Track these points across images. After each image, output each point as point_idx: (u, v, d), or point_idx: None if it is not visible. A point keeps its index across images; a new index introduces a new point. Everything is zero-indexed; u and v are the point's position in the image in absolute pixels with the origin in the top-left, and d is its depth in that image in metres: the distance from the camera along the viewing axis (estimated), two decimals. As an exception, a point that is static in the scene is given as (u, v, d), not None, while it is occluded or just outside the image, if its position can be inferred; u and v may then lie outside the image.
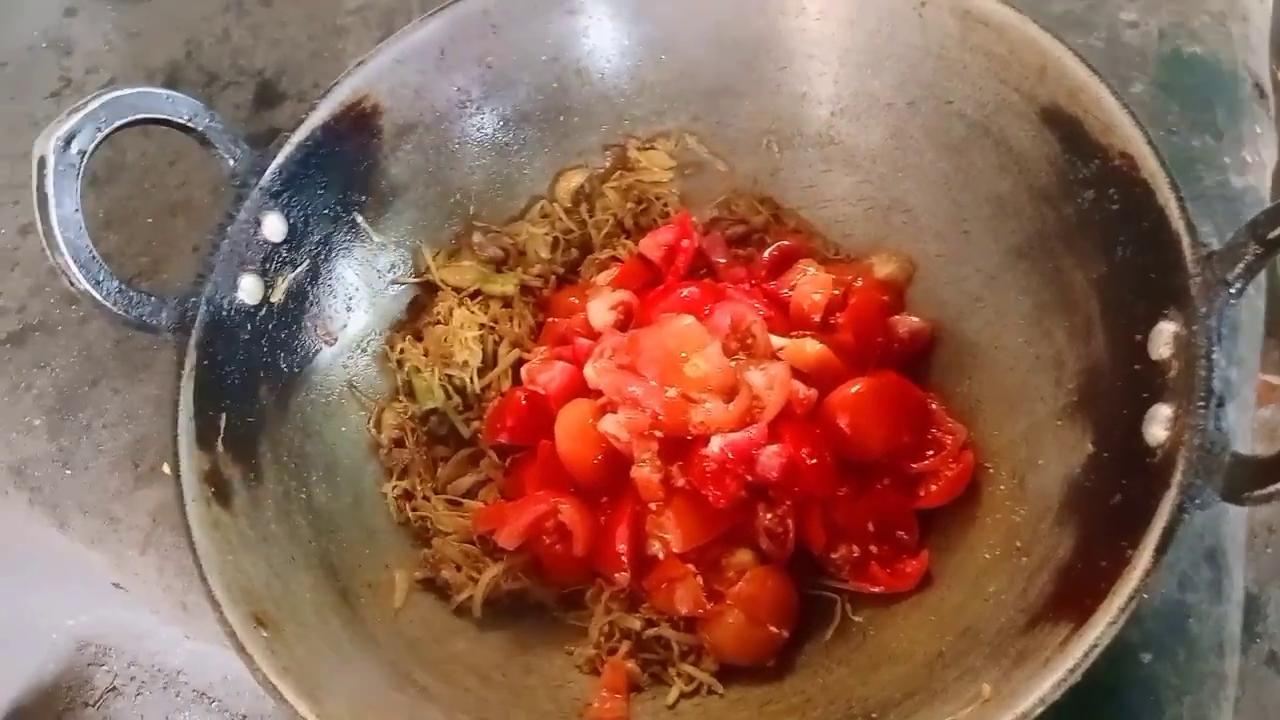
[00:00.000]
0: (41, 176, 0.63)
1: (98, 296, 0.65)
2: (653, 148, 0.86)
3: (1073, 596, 0.56)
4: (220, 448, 0.67)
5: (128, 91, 0.68)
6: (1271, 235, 0.55)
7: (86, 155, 0.65)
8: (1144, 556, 0.52)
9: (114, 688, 1.19)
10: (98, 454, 0.84)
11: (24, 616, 1.06)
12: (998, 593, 0.62)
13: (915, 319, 0.76)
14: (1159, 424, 0.56)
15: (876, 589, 0.68)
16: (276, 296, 0.73)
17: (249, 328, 0.71)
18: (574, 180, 0.86)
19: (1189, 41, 0.88)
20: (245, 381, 0.70)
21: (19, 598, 1.02)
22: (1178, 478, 0.53)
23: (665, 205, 0.86)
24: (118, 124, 0.66)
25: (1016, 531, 0.64)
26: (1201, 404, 0.54)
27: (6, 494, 0.84)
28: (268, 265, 0.73)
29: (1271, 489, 0.50)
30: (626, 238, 0.85)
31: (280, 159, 0.74)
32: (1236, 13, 0.90)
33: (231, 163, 0.73)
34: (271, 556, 0.65)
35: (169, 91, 0.70)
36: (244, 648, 0.58)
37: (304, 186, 0.75)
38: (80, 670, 1.26)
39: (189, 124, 0.71)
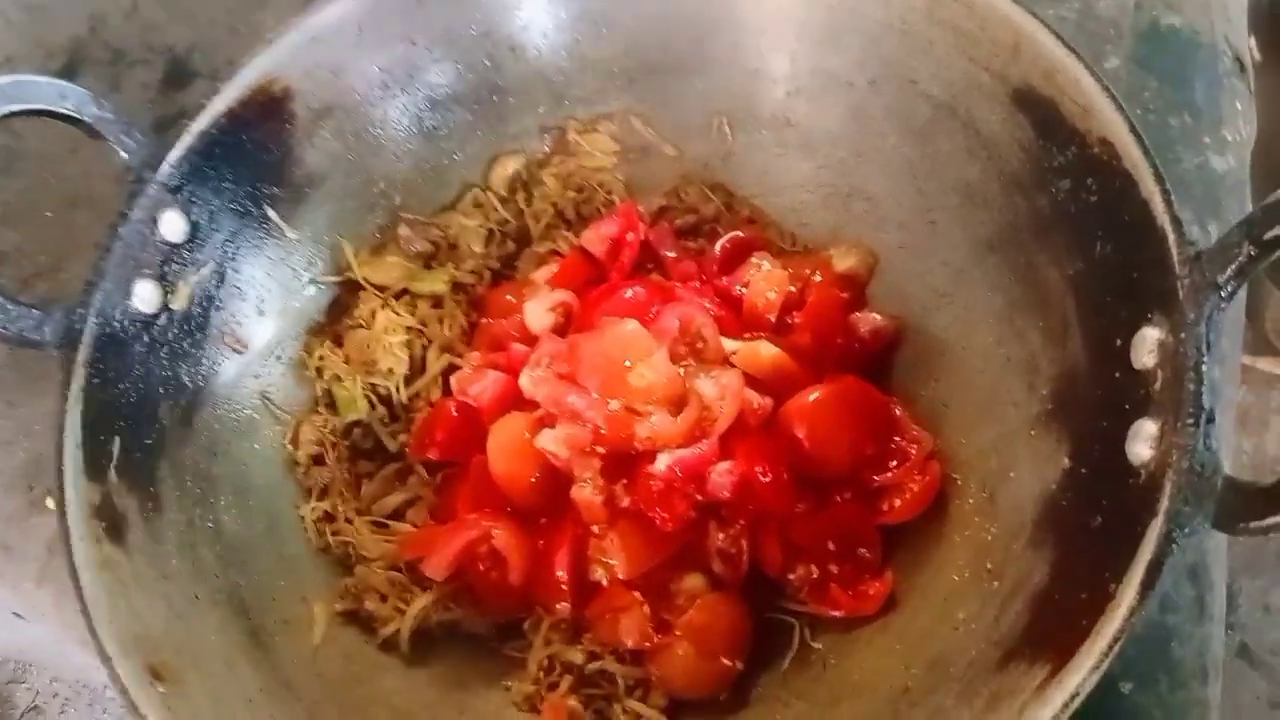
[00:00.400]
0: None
1: (-34, 310, 0.58)
2: (595, 131, 0.80)
3: (1050, 631, 0.51)
4: (113, 476, 0.60)
5: (2, 81, 0.61)
6: (1269, 235, 0.49)
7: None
8: (1128, 593, 0.47)
9: (36, 706, 1.13)
10: (-11, 476, 0.77)
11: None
12: (968, 620, 0.58)
13: (877, 316, 0.71)
14: (1143, 442, 0.51)
15: (837, 612, 0.63)
16: (177, 303, 0.66)
17: (145, 339, 0.64)
18: (510, 166, 0.79)
19: (1167, 13, 0.83)
20: (142, 399, 0.64)
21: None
22: (1165, 504, 0.48)
23: (609, 193, 0.79)
24: (-10, 117, 0.59)
25: (987, 551, 0.60)
26: (1191, 422, 0.49)
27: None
28: (166, 268, 0.66)
29: (1272, 521, 0.45)
30: (567, 229, 0.79)
31: (179, 150, 0.66)
32: (1215, -19, 0.85)
33: (125, 155, 0.66)
34: (172, 596, 0.59)
35: (50, 79, 0.63)
36: (137, 707, 0.52)
37: (207, 180, 0.68)
38: (-1, 689, 1.18)
39: (74, 114, 0.64)
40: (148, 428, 0.63)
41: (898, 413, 0.67)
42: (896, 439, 0.66)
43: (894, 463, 0.65)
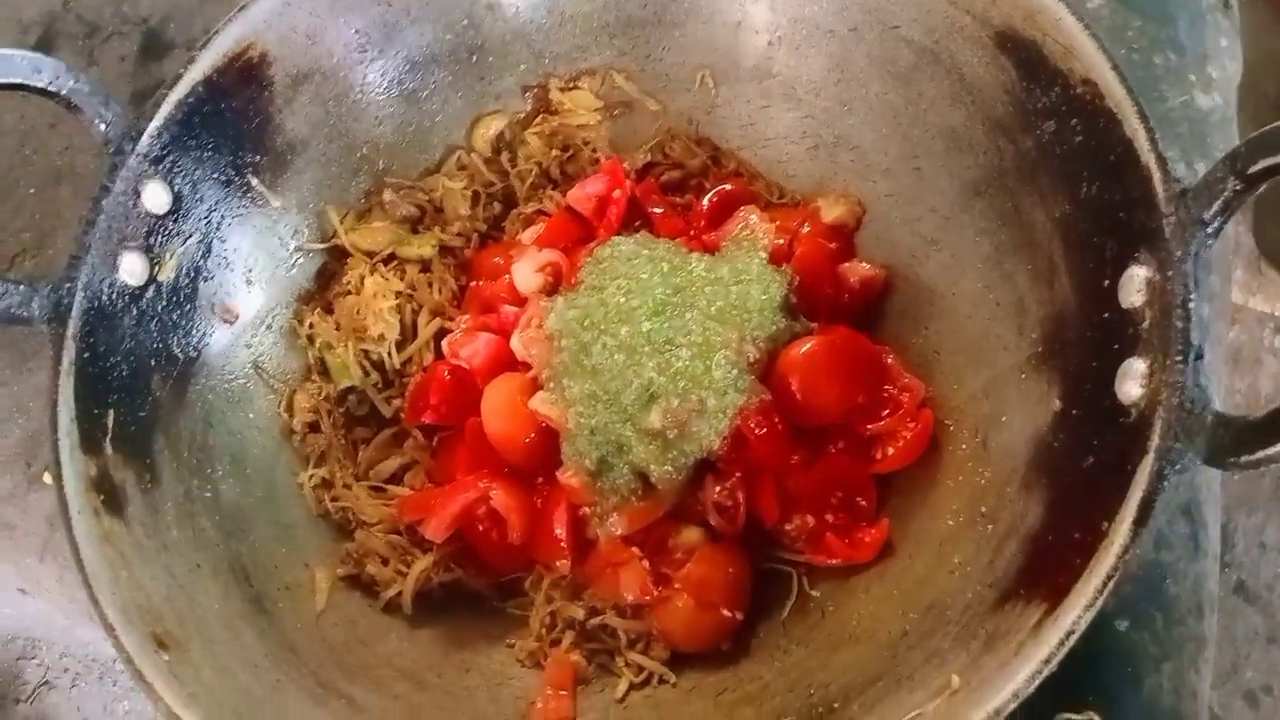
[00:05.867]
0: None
1: (-49, 290, 0.58)
2: (577, 87, 0.79)
3: (1045, 571, 0.52)
4: (109, 449, 0.60)
5: (-28, 56, 0.60)
6: (1253, 169, 0.49)
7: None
8: (1121, 530, 0.48)
9: (47, 681, 1.13)
10: (-13, 453, 0.77)
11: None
12: (963, 563, 0.58)
13: (866, 266, 0.71)
14: (1133, 380, 0.52)
15: (834, 561, 0.64)
16: (165, 274, 0.66)
17: (134, 311, 0.64)
18: (493, 126, 0.79)
19: (1148, -52, 0.82)
20: (134, 372, 0.63)
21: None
22: (1155, 441, 0.49)
23: (594, 151, 0.79)
24: (-37, 93, 0.59)
25: (981, 495, 0.60)
26: (1179, 359, 0.49)
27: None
28: (152, 240, 0.65)
29: (1262, 454, 0.45)
30: (553, 188, 0.78)
31: (158, 120, 0.66)
32: (1197, -85, 0.83)
33: (104, 128, 0.65)
34: (173, 566, 0.59)
35: (24, 52, 0.62)
36: (142, 675, 0.53)
37: (188, 149, 0.67)
38: (9, 665, 1.19)
39: (50, 88, 0.63)
40: (141, 400, 0.63)
41: (889, 361, 0.67)
42: (888, 387, 0.66)
43: (886, 411, 0.65)
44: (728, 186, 0.76)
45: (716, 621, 0.62)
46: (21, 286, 0.61)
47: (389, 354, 0.72)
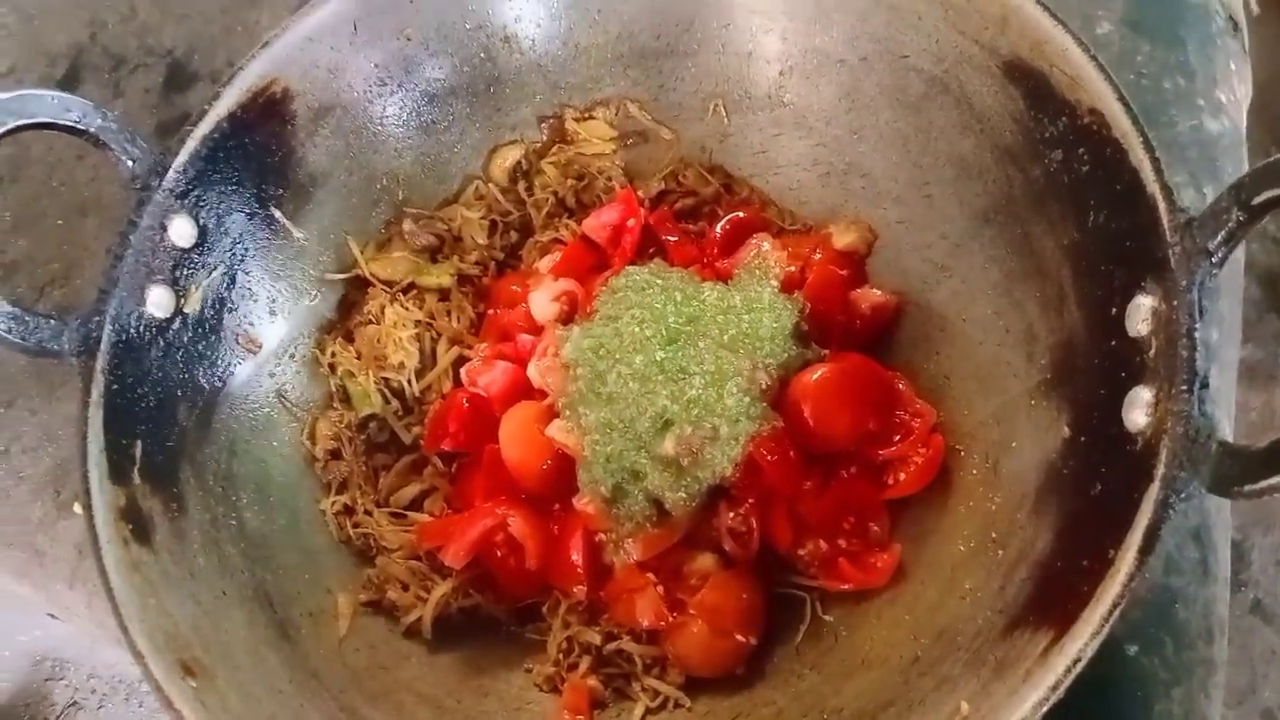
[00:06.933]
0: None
1: (-13, 324, 0.59)
2: (592, 117, 0.81)
3: (1053, 599, 0.52)
4: (136, 479, 0.62)
5: (7, 96, 0.62)
6: (1257, 200, 0.50)
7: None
8: (1127, 559, 0.48)
9: (75, 702, 1.15)
10: (18, 481, 0.79)
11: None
12: (974, 589, 0.59)
13: (878, 292, 0.72)
14: (1139, 409, 0.52)
15: (847, 586, 0.64)
16: (190, 306, 0.68)
17: (161, 343, 0.66)
18: (509, 157, 0.80)
19: (1157, -27, 0.83)
20: (161, 403, 0.65)
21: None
22: (1160, 470, 0.49)
23: (608, 179, 0.80)
24: (-2, 134, 0.60)
25: (992, 521, 0.61)
26: (1184, 388, 0.50)
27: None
28: (178, 273, 0.67)
29: (1265, 484, 0.46)
30: (569, 217, 0.80)
31: (184, 156, 0.67)
32: (1206, -60, 0.84)
33: (130, 164, 0.67)
34: (199, 594, 0.61)
35: (54, 93, 0.64)
36: (171, 703, 0.54)
37: (213, 184, 0.69)
38: (38, 687, 1.21)
39: (79, 126, 0.65)
40: (168, 430, 0.65)
41: (901, 386, 0.68)
42: (900, 413, 0.67)
43: (898, 437, 0.66)
44: (740, 214, 0.77)
45: (730, 647, 0.63)
46: (52, 320, 0.62)
47: (409, 382, 0.73)
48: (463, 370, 0.73)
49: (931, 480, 0.65)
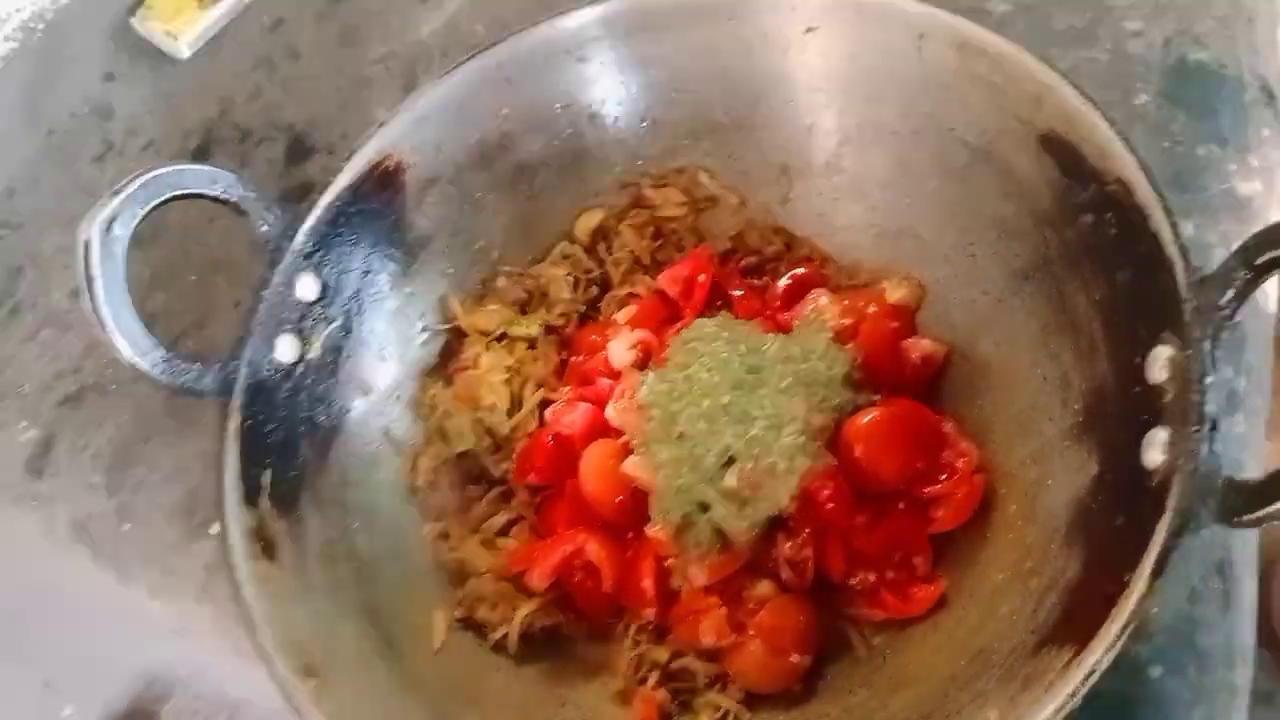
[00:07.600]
0: (87, 259, 0.67)
1: (145, 367, 0.69)
2: (667, 184, 0.88)
3: (1078, 619, 0.57)
4: (265, 504, 0.70)
5: (164, 170, 0.71)
6: (1260, 260, 0.56)
7: (128, 235, 0.69)
8: (1140, 582, 0.53)
9: (179, 722, 1.23)
10: (154, 508, 0.88)
11: (91, 657, 1.12)
12: (1010, 614, 0.64)
13: (927, 342, 0.78)
14: (1156, 448, 0.58)
15: (889, 615, 0.70)
16: (312, 353, 0.77)
17: (288, 385, 0.75)
18: (592, 220, 0.89)
19: (1194, 48, 0.89)
20: (287, 437, 0.74)
21: (85, 643, 1.08)
22: (1172, 502, 0.54)
23: (681, 240, 0.88)
24: (155, 203, 0.70)
25: (1027, 552, 0.66)
26: (1196, 429, 0.55)
27: (71, 550, 0.88)
28: (303, 324, 0.77)
29: (1260, 513, 0.51)
30: (645, 273, 0.88)
31: (311, 221, 0.77)
32: (1242, 16, 0.90)
33: (265, 228, 0.76)
34: (316, 606, 0.69)
35: (203, 166, 0.74)
36: (293, 699, 0.62)
37: (334, 245, 0.78)
38: (147, 705, 1.30)
39: (223, 196, 0.74)
40: (292, 461, 0.74)
41: (947, 430, 0.73)
42: (946, 454, 0.72)
43: (944, 476, 0.71)
44: (801, 270, 0.84)
45: (786, 665, 0.69)
46: (196, 364, 0.72)
47: (500, 422, 0.81)
48: (547, 411, 0.81)
49: (972, 516, 0.70)
